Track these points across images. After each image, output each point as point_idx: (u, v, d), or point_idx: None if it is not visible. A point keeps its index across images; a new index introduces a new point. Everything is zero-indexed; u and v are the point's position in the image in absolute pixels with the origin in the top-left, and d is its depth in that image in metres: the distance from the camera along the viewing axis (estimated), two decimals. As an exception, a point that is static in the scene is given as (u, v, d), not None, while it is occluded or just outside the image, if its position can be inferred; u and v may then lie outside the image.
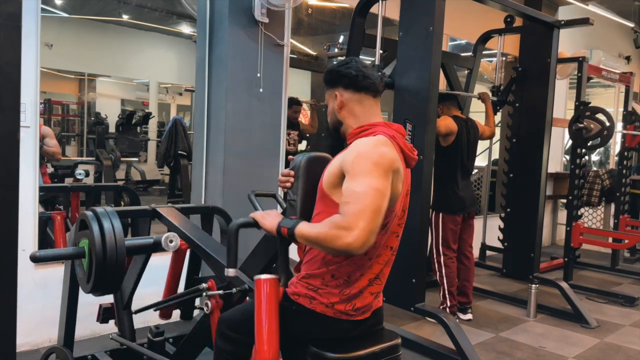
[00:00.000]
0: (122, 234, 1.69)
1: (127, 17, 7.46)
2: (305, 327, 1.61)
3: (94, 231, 1.65)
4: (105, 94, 8.14)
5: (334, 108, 1.69)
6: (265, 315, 1.51)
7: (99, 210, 1.71)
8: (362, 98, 1.65)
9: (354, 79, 1.64)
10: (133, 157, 7.60)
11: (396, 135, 1.59)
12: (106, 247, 1.63)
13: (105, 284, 1.68)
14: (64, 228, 3.45)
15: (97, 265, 1.64)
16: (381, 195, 1.39)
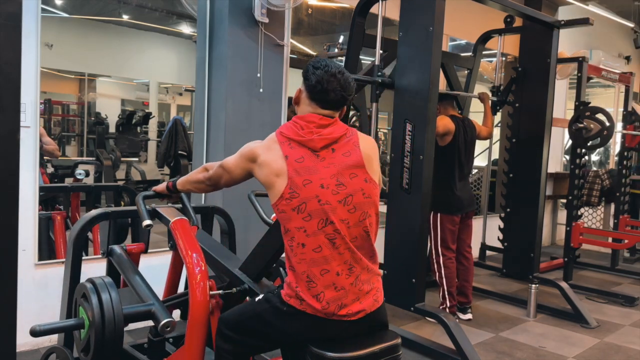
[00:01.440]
0: (120, 306, 1.74)
1: (127, 17, 7.46)
2: (298, 328, 1.61)
3: (93, 304, 1.70)
4: (105, 94, 8.13)
5: (293, 98, 1.79)
6: (186, 243, 1.93)
7: (97, 281, 1.76)
8: (312, 105, 1.70)
9: (311, 87, 1.69)
10: (133, 157, 7.59)
11: (296, 127, 1.67)
12: (105, 321, 1.69)
13: (104, 354, 1.72)
14: (64, 228, 3.46)
15: (96, 338, 1.69)
16: (233, 164, 1.79)
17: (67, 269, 2.16)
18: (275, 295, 1.66)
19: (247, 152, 1.75)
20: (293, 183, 1.59)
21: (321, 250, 1.57)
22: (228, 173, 1.81)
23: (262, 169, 1.67)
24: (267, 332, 1.65)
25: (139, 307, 1.83)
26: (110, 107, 7.94)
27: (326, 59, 1.72)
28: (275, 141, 1.68)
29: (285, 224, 1.62)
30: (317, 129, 1.66)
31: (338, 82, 1.67)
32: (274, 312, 1.63)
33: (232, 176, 1.81)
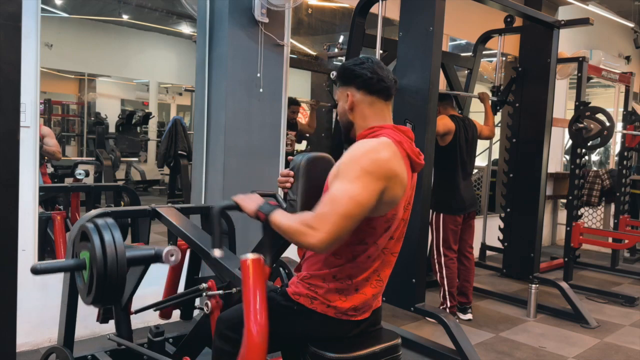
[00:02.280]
0: (123, 246, 1.69)
1: (127, 17, 7.46)
2: (306, 327, 1.61)
3: (94, 243, 1.66)
4: (105, 94, 8.14)
5: (344, 108, 1.65)
6: (252, 293, 1.51)
7: (99, 221, 1.72)
8: (373, 101, 1.61)
9: (367, 81, 1.59)
10: (133, 157, 7.60)
11: (403, 140, 1.56)
12: (107, 259, 1.64)
13: (106, 296, 1.68)
14: (64, 228, 3.45)
15: (98, 277, 1.65)
16: (356, 204, 1.40)
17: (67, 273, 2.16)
18: (280, 294, 1.66)
19: (378, 169, 1.44)
20: (399, 206, 1.55)
21: (374, 262, 1.59)
22: (358, 215, 1.42)
23: (395, 186, 1.49)
24: (270, 332, 1.65)
25: (141, 251, 1.80)
26: (110, 107, 7.94)
27: (360, 57, 1.67)
28: (398, 153, 1.51)
29: (364, 237, 1.53)
30: (411, 144, 1.58)
31: (385, 69, 1.63)
32: (279, 310, 1.62)
33: (364, 213, 1.44)
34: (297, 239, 1.43)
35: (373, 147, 1.48)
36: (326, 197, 1.43)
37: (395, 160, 1.48)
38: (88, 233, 1.69)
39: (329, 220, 1.38)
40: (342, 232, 1.39)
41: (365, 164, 1.43)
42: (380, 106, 1.62)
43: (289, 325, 1.61)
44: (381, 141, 1.50)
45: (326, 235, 1.37)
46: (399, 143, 1.53)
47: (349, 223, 1.40)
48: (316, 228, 1.38)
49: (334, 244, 1.40)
